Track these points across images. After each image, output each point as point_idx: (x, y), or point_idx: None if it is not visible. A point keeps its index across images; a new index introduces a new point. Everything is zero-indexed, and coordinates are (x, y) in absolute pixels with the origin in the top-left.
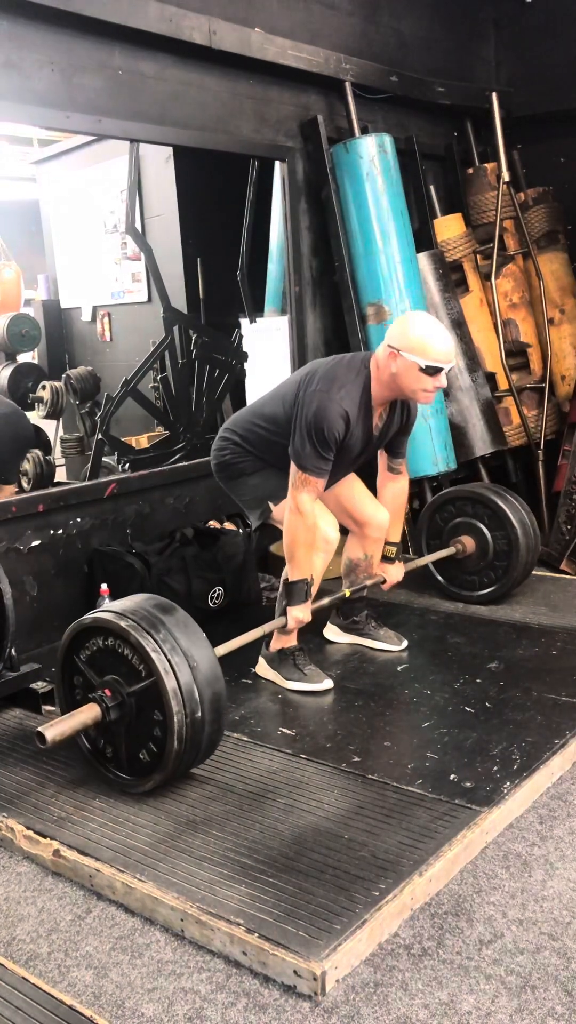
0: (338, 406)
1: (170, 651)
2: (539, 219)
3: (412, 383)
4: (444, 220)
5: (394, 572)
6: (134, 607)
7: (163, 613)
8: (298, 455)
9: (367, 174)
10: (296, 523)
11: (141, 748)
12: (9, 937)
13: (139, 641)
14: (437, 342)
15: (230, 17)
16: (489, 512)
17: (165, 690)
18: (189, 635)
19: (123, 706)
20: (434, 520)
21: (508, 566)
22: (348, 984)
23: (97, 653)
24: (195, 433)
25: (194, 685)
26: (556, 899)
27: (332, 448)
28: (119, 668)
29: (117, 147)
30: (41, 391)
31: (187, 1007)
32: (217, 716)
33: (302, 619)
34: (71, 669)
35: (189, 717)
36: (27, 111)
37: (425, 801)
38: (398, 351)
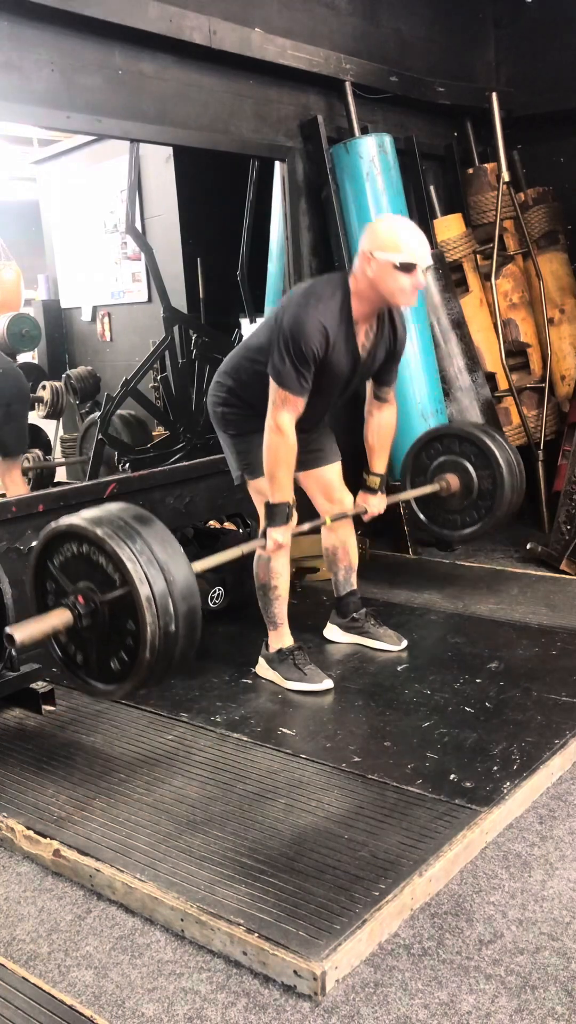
0: (316, 320)
1: (146, 562)
2: (539, 219)
3: (389, 283)
4: (444, 220)
5: (375, 503)
6: (111, 516)
7: (140, 524)
8: (277, 372)
9: (367, 174)
10: (276, 442)
11: (112, 656)
12: (9, 937)
13: (115, 550)
14: (408, 237)
15: (230, 17)
16: (475, 450)
17: (139, 600)
18: (166, 547)
19: (95, 614)
20: (419, 458)
21: (492, 505)
22: (348, 984)
23: (71, 560)
24: (195, 433)
25: (169, 597)
26: (556, 899)
27: (311, 364)
28: (93, 575)
29: (117, 147)
30: (41, 391)
31: (187, 1007)
32: (191, 631)
33: (281, 542)
34: (44, 575)
35: (163, 629)
36: (27, 111)
37: (425, 801)
38: (371, 253)
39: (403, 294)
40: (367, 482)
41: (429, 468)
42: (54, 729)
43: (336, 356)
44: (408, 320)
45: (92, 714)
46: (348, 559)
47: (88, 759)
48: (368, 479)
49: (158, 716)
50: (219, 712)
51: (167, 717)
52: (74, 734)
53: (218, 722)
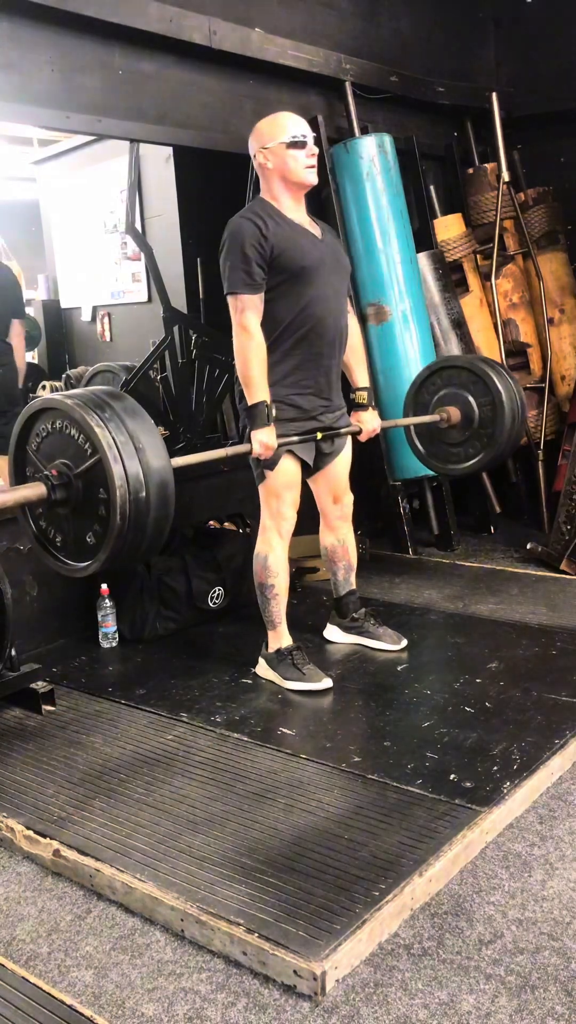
0: (241, 220)
1: (115, 429)
2: (539, 219)
3: (289, 163)
4: (444, 220)
5: (369, 419)
6: (85, 392)
7: (112, 399)
8: (229, 280)
9: (367, 174)
10: (245, 342)
11: (87, 531)
12: (9, 937)
13: (84, 418)
14: (285, 118)
15: (230, 17)
16: (475, 379)
17: (109, 466)
18: (137, 419)
19: (69, 487)
20: (420, 394)
21: (493, 434)
22: (348, 984)
23: (47, 438)
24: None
25: (139, 465)
26: (556, 899)
27: (251, 257)
28: (67, 451)
29: (117, 147)
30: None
31: (187, 1007)
32: (163, 502)
33: (267, 442)
34: (23, 458)
35: (133, 495)
36: (27, 111)
37: (425, 801)
38: (260, 148)
39: (304, 170)
40: (355, 399)
41: (430, 404)
42: (54, 729)
43: (289, 242)
44: (408, 317)
45: (92, 714)
46: (347, 558)
47: (88, 759)
48: (356, 395)
49: (158, 716)
50: (219, 712)
51: (167, 717)
52: (74, 734)
53: (218, 722)
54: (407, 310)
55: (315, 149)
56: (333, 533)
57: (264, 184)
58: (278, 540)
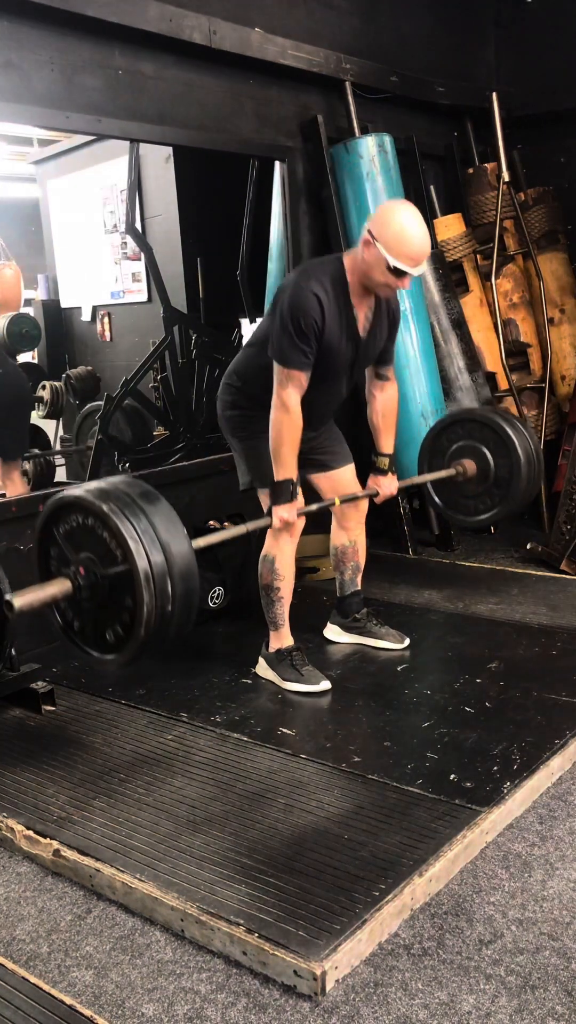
0: (310, 292)
1: (149, 542)
2: (539, 219)
3: (377, 275)
4: (444, 220)
5: (387, 484)
6: (118, 491)
7: (146, 501)
8: (279, 350)
9: (367, 174)
10: (281, 419)
11: (108, 628)
12: (9, 937)
13: (118, 527)
14: (413, 244)
15: (230, 17)
16: (495, 437)
17: (138, 580)
18: (169, 527)
19: (95, 587)
20: (439, 441)
21: (507, 494)
22: (348, 984)
23: (76, 529)
24: (195, 433)
25: (168, 579)
26: (556, 899)
27: (310, 337)
28: (96, 548)
29: (117, 147)
30: (41, 391)
31: (187, 1007)
32: (187, 611)
33: (287, 519)
34: (49, 541)
35: (159, 609)
36: (27, 111)
37: (425, 801)
38: (373, 239)
39: (385, 289)
40: (376, 463)
41: (448, 452)
42: (54, 729)
43: (336, 335)
44: (408, 318)
45: (92, 714)
46: (357, 559)
47: (88, 759)
48: (377, 460)
49: (158, 716)
50: (219, 712)
51: (167, 717)
52: (74, 734)
53: (218, 722)
54: (407, 310)
55: (409, 286)
56: (347, 534)
57: (357, 249)
58: (288, 542)
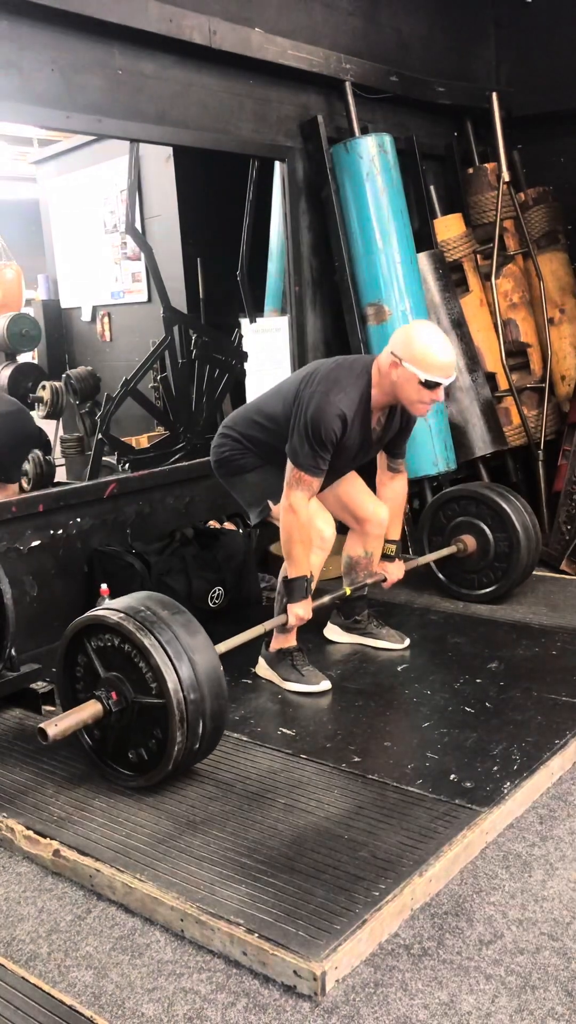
0: (336, 408)
1: (188, 685)
2: (539, 219)
3: (411, 394)
4: (444, 220)
5: (394, 570)
6: (159, 620)
7: (188, 635)
8: (295, 453)
9: (367, 174)
10: (291, 521)
11: (131, 749)
12: (9, 937)
13: (159, 665)
14: (440, 356)
15: (230, 17)
16: (492, 513)
17: (173, 720)
18: (209, 667)
19: (125, 712)
20: (437, 517)
21: (508, 568)
22: (348, 984)
23: (109, 649)
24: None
25: (200, 718)
26: (556, 899)
27: (329, 449)
28: (129, 672)
29: (117, 147)
30: (41, 391)
31: (187, 1007)
32: (211, 745)
33: (303, 616)
34: (79, 651)
35: (187, 743)
36: (27, 111)
37: (425, 801)
38: (400, 360)
39: (421, 406)
40: (384, 550)
41: (447, 528)
42: None
43: (350, 440)
44: (408, 319)
45: None
46: (369, 568)
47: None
48: (386, 547)
49: None
50: None
51: None
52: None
53: None
54: (407, 310)
55: (442, 397)
56: (363, 546)
57: (383, 369)
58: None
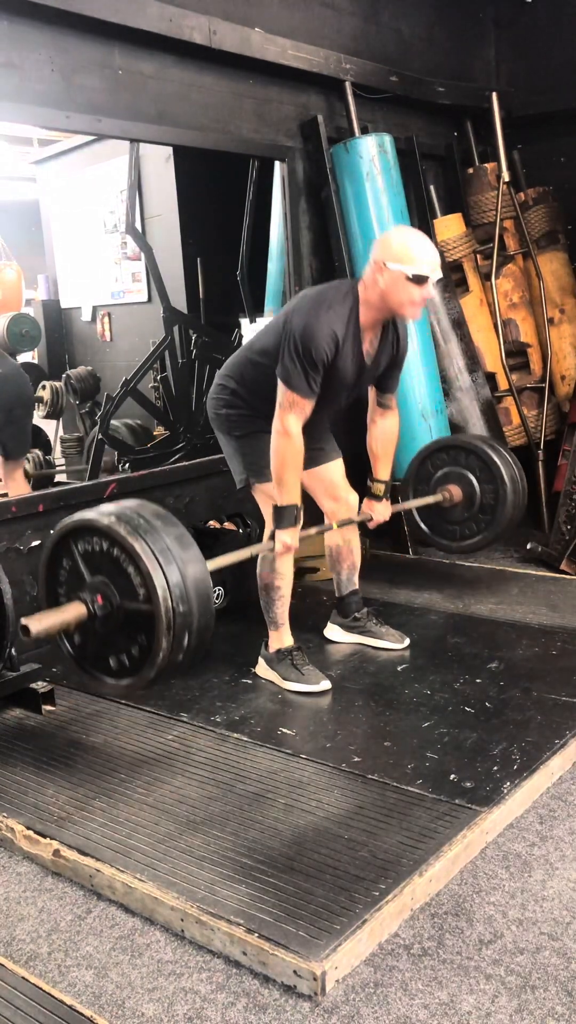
0: (326, 326)
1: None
2: (539, 219)
3: (399, 294)
4: (444, 220)
5: (381, 510)
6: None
7: (181, 548)
8: (286, 374)
9: (367, 174)
10: (284, 445)
11: (112, 655)
12: (9, 937)
13: (149, 571)
14: (421, 249)
15: (230, 17)
16: (481, 464)
17: (160, 626)
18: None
19: (110, 617)
20: (424, 466)
21: (493, 520)
22: (348, 984)
23: (96, 553)
24: (195, 433)
25: (186, 631)
26: (556, 899)
27: (320, 369)
28: (116, 577)
29: (117, 147)
30: (41, 391)
31: (187, 1007)
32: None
33: (290, 544)
34: (64, 554)
35: (171, 654)
36: (27, 111)
37: (425, 801)
38: (384, 263)
39: (412, 306)
40: (372, 489)
41: (433, 477)
42: (54, 729)
43: (342, 362)
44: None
45: (92, 714)
46: (352, 558)
47: (88, 759)
48: (373, 486)
49: (158, 716)
50: (219, 712)
51: (167, 717)
52: (74, 734)
53: (218, 722)
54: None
55: (431, 293)
56: (340, 533)
57: (368, 282)
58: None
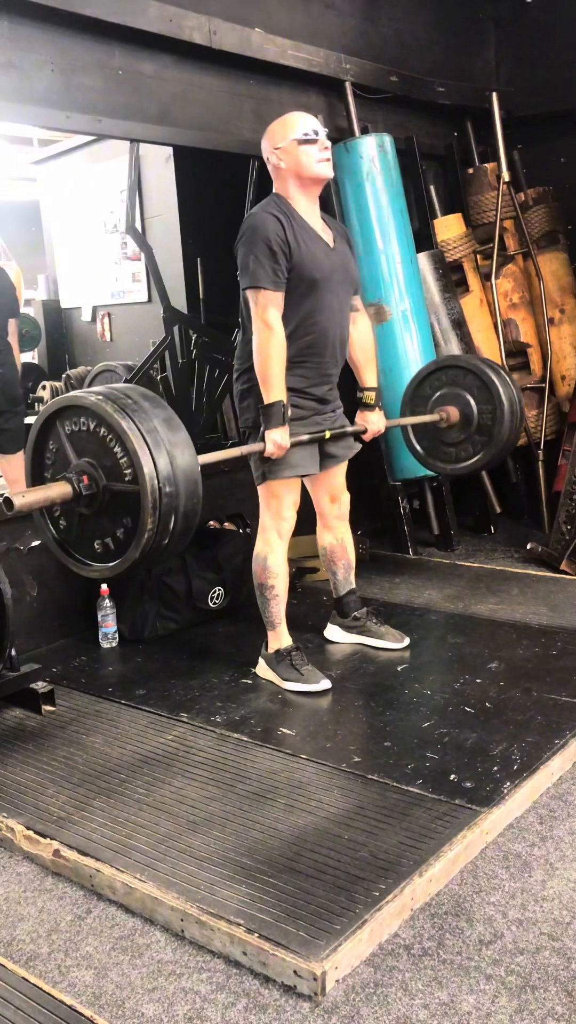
0: (267, 214)
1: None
2: (539, 219)
3: (303, 161)
4: (444, 220)
5: (375, 419)
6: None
7: (169, 430)
8: (251, 275)
9: (367, 174)
10: (266, 339)
11: (97, 539)
12: (9, 937)
13: (135, 449)
14: (295, 116)
15: (230, 17)
16: (479, 384)
17: (145, 506)
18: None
19: (95, 497)
20: (422, 387)
21: (489, 441)
22: (348, 984)
23: (83, 433)
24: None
25: (172, 514)
26: (556, 899)
27: (279, 254)
28: (102, 457)
29: (117, 147)
30: (41, 391)
31: (187, 1007)
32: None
33: (280, 443)
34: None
35: (157, 536)
36: (27, 111)
37: (425, 801)
38: (273, 147)
39: (317, 164)
40: (363, 399)
41: (430, 399)
42: (54, 729)
43: (305, 244)
44: (408, 317)
45: (92, 714)
46: (346, 557)
47: (88, 759)
48: (364, 395)
49: (158, 716)
50: (219, 712)
51: (167, 717)
52: (74, 734)
53: (218, 722)
54: (407, 310)
55: (327, 143)
56: (331, 532)
57: (279, 185)
58: (278, 541)
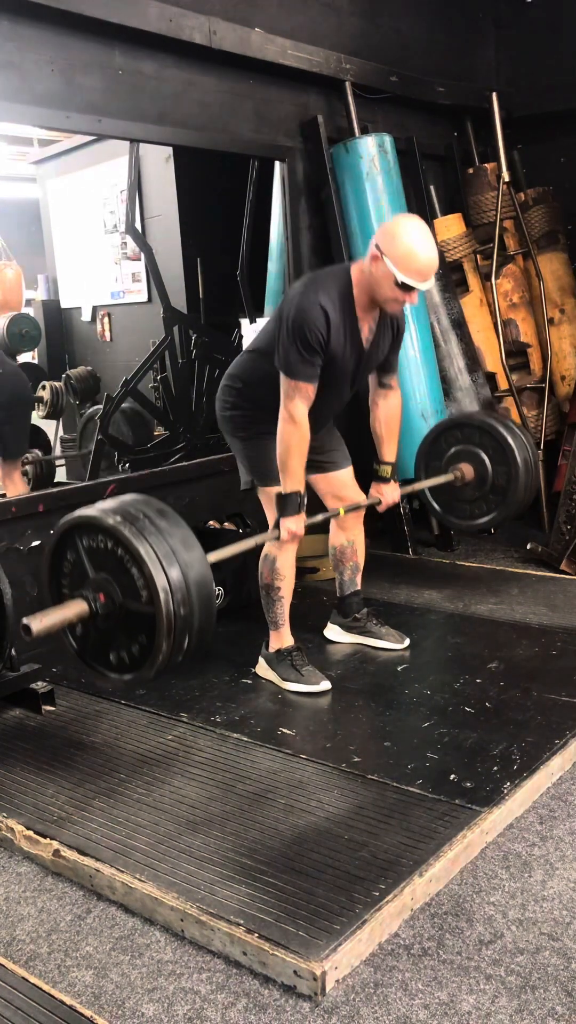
0: (317, 306)
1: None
2: (539, 219)
3: (385, 290)
4: (444, 220)
5: (389, 492)
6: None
7: (185, 549)
8: (285, 362)
9: (367, 174)
10: (290, 432)
11: (112, 651)
12: (9, 937)
13: (151, 574)
14: (421, 260)
15: (230, 17)
16: (494, 444)
17: (161, 628)
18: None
19: (111, 615)
20: (437, 443)
21: (504, 500)
22: (348, 984)
23: (100, 551)
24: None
25: (187, 632)
26: (556, 899)
27: (317, 350)
28: (119, 576)
29: (117, 147)
30: (41, 391)
31: (187, 1007)
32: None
33: (295, 531)
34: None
35: (171, 655)
36: (27, 111)
37: (425, 801)
38: (381, 254)
39: (393, 304)
40: (379, 472)
41: (445, 455)
42: (54, 729)
43: (340, 346)
44: (408, 319)
45: (92, 714)
46: (356, 558)
47: (88, 759)
48: (380, 468)
49: (158, 716)
50: (219, 712)
51: (167, 717)
52: (74, 734)
53: (218, 722)
54: (407, 310)
55: (416, 301)
56: (344, 534)
57: (364, 264)
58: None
